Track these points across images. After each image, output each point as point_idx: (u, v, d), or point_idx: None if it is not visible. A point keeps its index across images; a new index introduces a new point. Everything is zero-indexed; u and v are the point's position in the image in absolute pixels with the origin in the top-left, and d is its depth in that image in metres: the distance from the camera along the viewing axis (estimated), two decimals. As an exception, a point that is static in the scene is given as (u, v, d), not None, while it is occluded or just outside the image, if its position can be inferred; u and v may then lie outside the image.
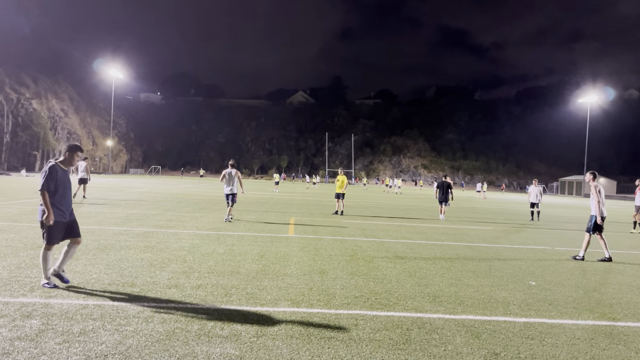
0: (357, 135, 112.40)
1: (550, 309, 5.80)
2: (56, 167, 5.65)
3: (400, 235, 12.46)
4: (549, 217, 22.77)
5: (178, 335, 4.27)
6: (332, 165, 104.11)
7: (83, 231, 10.23)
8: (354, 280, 6.77)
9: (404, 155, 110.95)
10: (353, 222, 15.09)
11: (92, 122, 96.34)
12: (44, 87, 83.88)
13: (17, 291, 5.38)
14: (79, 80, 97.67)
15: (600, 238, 9.92)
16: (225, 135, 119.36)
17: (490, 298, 6.17)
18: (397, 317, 5.16)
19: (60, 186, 5.70)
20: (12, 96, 74.91)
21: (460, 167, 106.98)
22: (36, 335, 4.08)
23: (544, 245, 11.86)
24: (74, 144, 5.94)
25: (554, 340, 4.66)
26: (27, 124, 75.49)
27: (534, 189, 19.96)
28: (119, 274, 6.45)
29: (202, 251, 8.54)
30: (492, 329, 4.91)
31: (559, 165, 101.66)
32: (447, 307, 5.65)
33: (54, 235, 5.64)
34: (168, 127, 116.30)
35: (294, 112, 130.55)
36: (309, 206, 22.10)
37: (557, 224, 18.56)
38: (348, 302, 5.65)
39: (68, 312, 4.74)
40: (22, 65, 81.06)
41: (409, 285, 6.68)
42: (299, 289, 6.12)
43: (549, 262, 9.31)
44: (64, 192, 5.76)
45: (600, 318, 5.52)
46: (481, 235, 13.27)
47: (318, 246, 9.81)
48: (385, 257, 8.87)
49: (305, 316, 5.02)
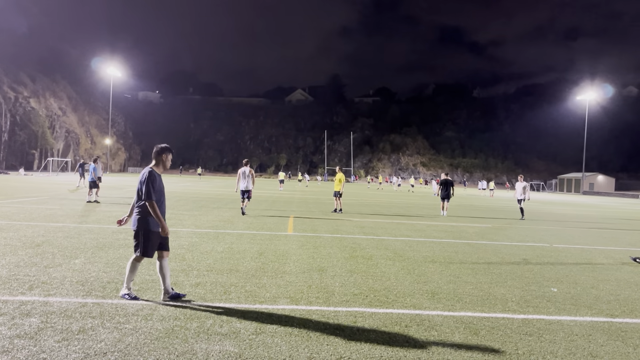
0: (356, 133, 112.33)
1: (549, 305, 5.82)
2: (155, 173, 5.28)
3: (399, 232, 12.47)
4: (547, 214, 22.81)
5: (177, 332, 4.28)
6: (331, 163, 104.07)
7: (82, 230, 10.26)
8: (353, 278, 6.78)
9: (402, 153, 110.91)
10: (352, 220, 15.10)
11: (91, 120, 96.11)
12: (42, 86, 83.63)
13: (16, 289, 5.38)
14: (77, 79, 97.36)
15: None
16: (224, 133, 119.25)
17: (489, 295, 6.18)
18: (396, 314, 5.17)
19: (160, 193, 5.35)
20: (10, 95, 74.72)
21: (459, 165, 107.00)
22: (35, 334, 4.08)
23: (543, 242, 11.88)
24: (164, 145, 5.50)
25: (552, 336, 4.68)
26: (25, 123, 75.31)
27: (520, 185, 19.33)
28: (118, 272, 6.45)
29: (201, 249, 8.54)
30: (490, 325, 4.92)
31: (558, 163, 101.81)
32: (446, 304, 5.66)
33: (150, 246, 5.24)
34: (166, 125, 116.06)
35: (293, 110, 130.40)
36: (308, 204, 22.11)
37: (555, 221, 18.58)
38: (347, 299, 5.66)
39: (67, 310, 4.74)
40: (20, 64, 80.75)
41: (407, 282, 6.69)
42: (298, 287, 6.13)
43: (547, 259, 9.32)
44: (162, 199, 5.40)
45: (598, 314, 5.54)
46: (480, 233, 13.29)
47: (317, 244, 9.82)
48: (384, 255, 8.88)
49: (304, 314, 5.02)
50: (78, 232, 9.95)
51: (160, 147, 5.44)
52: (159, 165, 5.43)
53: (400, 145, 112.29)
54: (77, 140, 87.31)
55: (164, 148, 5.43)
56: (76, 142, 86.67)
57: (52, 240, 8.72)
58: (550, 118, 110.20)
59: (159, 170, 5.43)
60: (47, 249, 7.91)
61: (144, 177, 5.19)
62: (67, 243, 8.53)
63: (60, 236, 9.26)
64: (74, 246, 8.26)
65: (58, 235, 9.40)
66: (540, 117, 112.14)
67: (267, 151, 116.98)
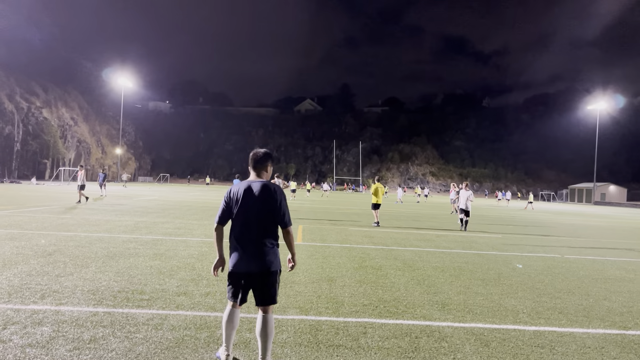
0: (365, 142, 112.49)
1: (561, 317, 5.76)
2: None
3: (408, 243, 12.42)
4: (558, 224, 22.62)
5: (187, 342, 4.29)
6: (340, 173, 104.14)
7: (93, 239, 10.34)
8: (362, 288, 6.76)
9: (412, 163, 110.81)
10: (360, 230, 15.07)
11: (102, 130, 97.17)
12: (54, 96, 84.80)
13: (28, 298, 5.42)
14: (89, 89, 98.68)
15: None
16: (233, 143, 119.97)
17: (500, 306, 6.13)
18: (406, 325, 5.15)
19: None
20: (23, 105, 75.76)
21: (469, 175, 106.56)
22: (47, 342, 4.11)
23: (554, 253, 11.77)
24: (268, 150, 4.11)
25: (564, 349, 4.63)
26: (38, 133, 76.23)
27: (464, 193, 17.43)
28: (129, 281, 6.49)
29: (210, 258, 8.57)
30: (501, 337, 4.88)
31: (568, 173, 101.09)
32: (456, 315, 5.62)
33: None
34: (176, 135, 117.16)
35: (302, 120, 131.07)
36: (316, 213, 22.10)
37: (566, 232, 18.42)
38: (356, 310, 5.64)
39: (78, 319, 4.78)
40: (32, 75, 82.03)
41: (417, 293, 6.66)
42: (307, 297, 6.12)
43: (559, 270, 9.24)
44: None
45: (611, 327, 5.47)
46: (490, 243, 13.20)
47: (326, 254, 9.81)
48: (394, 265, 8.84)
49: (313, 324, 5.02)
50: (89, 241, 10.03)
51: (267, 152, 4.07)
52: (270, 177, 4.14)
53: (409, 155, 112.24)
54: (88, 150, 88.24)
55: (270, 154, 4.11)
56: (87, 152, 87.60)
57: (63, 249, 8.79)
58: (560, 128, 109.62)
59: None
60: (59, 257, 7.97)
61: (281, 194, 3.89)
62: (78, 252, 8.60)
63: (71, 245, 9.34)
64: (85, 255, 8.32)
65: (69, 244, 9.48)
66: (550, 127, 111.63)
67: (276, 161, 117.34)
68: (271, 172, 4.07)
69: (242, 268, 3.77)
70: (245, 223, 3.77)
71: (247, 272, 3.77)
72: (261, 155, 3.98)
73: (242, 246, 3.76)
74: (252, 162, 3.98)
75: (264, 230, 3.78)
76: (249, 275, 3.78)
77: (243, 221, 3.78)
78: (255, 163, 3.96)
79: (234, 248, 3.82)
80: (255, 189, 3.80)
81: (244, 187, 3.84)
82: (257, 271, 3.75)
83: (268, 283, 3.79)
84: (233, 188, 3.93)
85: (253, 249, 3.75)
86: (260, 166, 3.96)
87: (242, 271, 3.78)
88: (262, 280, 3.78)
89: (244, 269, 3.77)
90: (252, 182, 3.87)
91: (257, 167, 3.96)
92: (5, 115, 71.79)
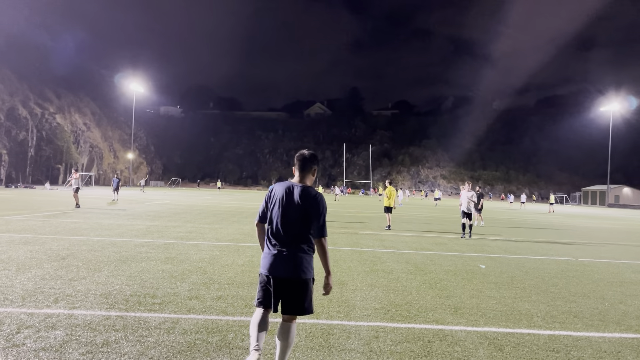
0: (375, 146, 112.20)
1: (576, 321, 5.68)
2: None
3: (420, 246, 12.35)
4: (572, 227, 22.37)
5: (199, 346, 4.29)
6: (350, 176, 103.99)
7: (105, 243, 10.41)
8: (373, 292, 6.73)
9: (422, 166, 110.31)
10: (371, 234, 15.02)
11: (114, 135, 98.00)
12: (67, 102, 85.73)
13: (41, 302, 5.47)
14: (101, 95, 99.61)
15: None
16: (243, 147, 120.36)
17: (513, 310, 6.06)
18: (418, 329, 5.10)
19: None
20: (37, 111, 76.68)
21: (480, 177, 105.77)
22: (60, 346, 4.14)
23: (568, 256, 11.64)
24: (313, 153, 3.89)
25: (580, 353, 4.56)
26: (51, 138, 77.09)
27: (465, 194, 15.43)
28: (141, 285, 6.52)
29: (222, 262, 8.58)
30: (515, 341, 4.82)
31: (581, 175, 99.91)
32: (469, 319, 5.57)
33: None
34: (187, 139, 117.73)
35: (311, 123, 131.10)
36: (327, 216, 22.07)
37: (580, 235, 18.21)
38: (368, 314, 5.61)
39: (91, 323, 4.80)
40: (45, 81, 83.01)
41: (429, 297, 6.61)
42: (319, 301, 6.09)
43: (573, 273, 9.12)
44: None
45: (627, 331, 5.38)
46: (503, 247, 13.08)
47: (336, 257, 9.77)
48: (405, 269, 8.79)
49: (325, 328, 4.99)
50: (102, 245, 10.10)
51: (314, 154, 3.88)
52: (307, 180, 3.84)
53: (420, 158, 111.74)
54: (101, 155, 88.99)
55: (316, 156, 3.92)
56: (99, 157, 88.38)
57: (76, 254, 8.86)
58: (572, 130, 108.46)
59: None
60: (72, 262, 8.03)
61: (323, 203, 3.72)
62: (91, 256, 8.66)
63: (84, 249, 9.41)
64: (98, 259, 8.37)
65: (82, 248, 9.55)
66: (562, 129, 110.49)
67: (286, 164, 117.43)
68: (316, 174, 3.90)
69: (271, 271, 3.59)
70: (280, 225, 3.63)
71: (275, 275, 3.57)
72: (307, 157, 3.79)
73: (274, 248, 3.63)
74: (297, 164, 3.78)
75: (299, 236, 3.62)
76: (278, 281, 3.58)
77: (278, 223, 3.64)
78: (302, 165, 3.76)
79: (267, 249, 3.70)
80: (297, 193, 3.64)
81: (285, 188, 3.71)
82: (286, 277, 3.56)
83: (297, 291, 3.60)
84: (275, 187, 3.79)
85: (284, 253, 3.59)
86: (308, 169, 3.78)
87: (270, 274, 3.59)
88: (291, 288, 3.59)
89: (272, 272, 3.58)
90: (295, 185, 3.71)
91: (303, 169, 3.77)
92: (20, 121, 72.71)
